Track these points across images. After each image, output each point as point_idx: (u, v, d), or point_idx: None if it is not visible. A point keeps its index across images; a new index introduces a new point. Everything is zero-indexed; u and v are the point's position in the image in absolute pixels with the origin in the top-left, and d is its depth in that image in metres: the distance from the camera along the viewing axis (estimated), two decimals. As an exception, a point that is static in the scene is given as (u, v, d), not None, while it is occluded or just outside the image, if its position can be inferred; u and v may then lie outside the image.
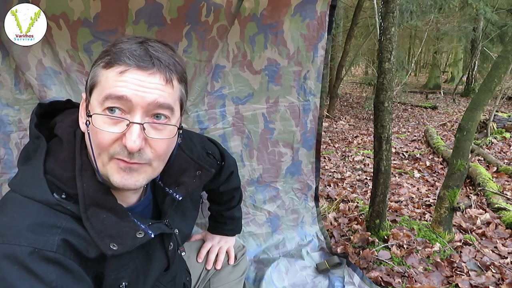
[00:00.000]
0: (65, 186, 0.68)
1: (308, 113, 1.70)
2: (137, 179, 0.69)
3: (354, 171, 3.93)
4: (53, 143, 0.74)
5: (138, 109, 0.65)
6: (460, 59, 14.41)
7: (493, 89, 1.96)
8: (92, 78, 0.68)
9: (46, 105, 0.81)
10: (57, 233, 0.63)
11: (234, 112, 1.56)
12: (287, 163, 1.76)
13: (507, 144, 4.87)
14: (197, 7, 1.24)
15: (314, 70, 1.63)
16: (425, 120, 7.77)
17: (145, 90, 0.64)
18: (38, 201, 0.65)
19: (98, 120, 0.65)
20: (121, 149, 0.66)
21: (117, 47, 0.66)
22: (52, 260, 0.60)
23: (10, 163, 1.22)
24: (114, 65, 0.65)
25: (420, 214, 2.60)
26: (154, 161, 0.70)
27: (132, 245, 0.70)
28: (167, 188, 0.85)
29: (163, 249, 0.87)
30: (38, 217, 0.63)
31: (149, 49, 0.66)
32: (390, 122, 1.93)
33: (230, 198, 1.27)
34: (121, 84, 0.64)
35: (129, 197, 0.80)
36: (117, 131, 0.65)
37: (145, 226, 0.74)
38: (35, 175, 0.68)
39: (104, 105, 0.65)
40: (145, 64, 0.65)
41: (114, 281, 0.74)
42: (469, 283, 1.68)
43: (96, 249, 0.68)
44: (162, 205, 0.86)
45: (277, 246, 1.78)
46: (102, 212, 0.69)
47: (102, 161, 0.68)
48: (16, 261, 0.57)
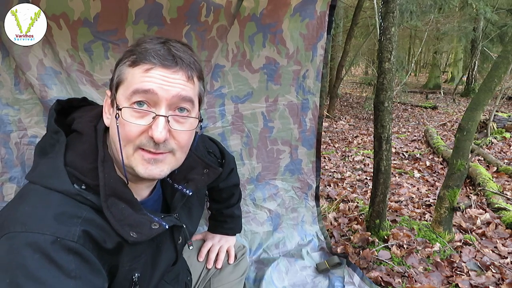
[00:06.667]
0: (85, 177, 0.71)
1: (306, 111, 1.71)
2: (162, 169, 0.74)
3: (354, 171, 3.93)
4: (71, 137, 0.77)
5: (163, 102, 0.70)
6: (460, 59, 14.42)
7: (493, 89, 1.96)
8: (118, 76, 0.73)
9: (64, 102, 0.85)
10: (78, 223, 0.65)
11: (234, 111, 1.56)
12: (286, 161, 1.78)
13: (507, 144, 4.87)
14: (196, 7, 1.24)
15: (313, 69, 1.64)
16: (425, 120, 7.77)
17: (169, 84, 0.70)
18: (59, 191, 0.67)
19: (126, 114, 0.70)
20: (147, 141, 0.70)
21: (142, 47, 0.72)
22: (72, 250, 0.62)
23: (10, 162, 1.22)
24: (140, 63, 0.70)
25: (420, 214, 2.60)
26: (177, 151, 0.75)
27: (149, 235, 0.74)
28: (176, 184, 0.89)
29: (172, 242, 0.90)
30: (59, 207, 0.65)
31: (172, 49, 0.72)
32: (390, 122, 1.93)
33: (229, 196, 1.28)
34: (147, 79, 0.69)
35: (143, 190, 0.83)
36: (143, 123, 0.70)
37: (158, 218, 0.77)
38: (55, 167, 0.70)
39: (131, 99, 0.70)
40: (169, 63, 0.70)
41: (128, 272, 0.77)
42: (469, 283, 1.68)
43: (114, 240, 0.71)
44: (172, 201, 0.89)
45: (277, 245, 1.78)
46: (120, 203, 0.72)
47: (126, 153, 0.72)
48: (38, 249, 0.58)
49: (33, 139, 1.22)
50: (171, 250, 0.90)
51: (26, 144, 1.22)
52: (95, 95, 1.25)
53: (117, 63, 0.75)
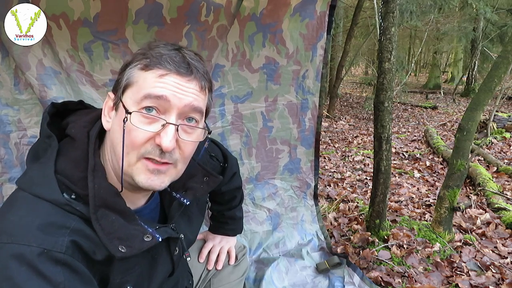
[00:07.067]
0: (75, 186, 0.68)
1: (306, 111, 1.71)
2: (163, 180, 0.71)
3: (354, 171, 3.93)
4: (64, 143, 0.74)
5: (174, 110, 0.68)
6: (460, 59, 14.41)
7: (493, 89, 1.96)
8: (127, 78, 0.70)
9: (59, 105, 0.81)
10: (66, 234, 0.62)
11: (233, 110, 1.56)
12: (285, 160, 1.78)
13: (507, 144, 4.87)
14: (196, 7, 1.24)
15: (313, 69, 1.64)
16: (425, 120, 7.77)
17: (182, 92, 0.68)
18: (48, 200, 0.65)
19: (134, 118, 0.67)
20: (152, 148, 0.68)
21: (155, 51, 0.69)
22: (60, 261, 0.60)
23: (10, 162, 1.22)
24: (153, 68, 0.68)
25: (420, 214, 2.60)
26: (180, 162, 0.73)
27: (140, 248, 0.70)
28: (174, 192, 0.85)
29: (169, 254, 0.86)
30: (47, 216, 0.63)
31: (186, 56, 0.70)
32: (390, 122, 1.93)
33: (231, 198, 1.27)
34: (160, 85, 0.67)
35: (139, 199, 0.80)
36: (151, 130, 0.67)
37: (152, 229, 0.74)
38: (45, 174, 0.68)
39: (141, 104, 0.67)
40: (184, 71, 0.69)
41: (119, 285, 0.74)
42: (469, 283, 1.68)
43: (103, 251, 0.68)
44: (169, 210, 0.86)
45: (277, 244, 1.78)
46: (111, 214, 0.69)
47: (129, 161, 0.69)
48: (24, 262, 0.57)
49: (32, 139, 1.22)
50: (167, 262, 0.87)
51: (25, 144, 1.22)
52: (95, 95, 1.25)
53: (126, 65, 0.72)
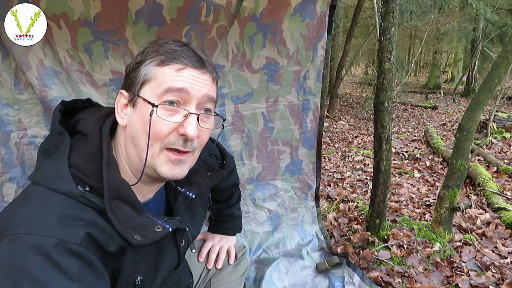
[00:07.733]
0: (89, 179, 0.71)
1: (307, 112, 1.71)
2: (183, 169, 0.76)
3: (354, 171, 3.93)
4: (76, 139, 0.77)
5: (194, 101, 0.73)
6: (460, 59, 14.42)
7: (493, 89, 1.96)
8: (145, 75, 0.74)
9: (68, 103, 0.85)
10: (81, 226, 0.64)
11: (234, 111, 1.56)
12: (286, 161, 1.78)
13: (507, 144, 4.87)
14: (196, 7, 1.24)
15: (314, 69, 1.64)
16: (425, 120, 7.77)
17: (199, 84, 0.73)
18: (63, 192, 0.67)
19: (160, 111, 0.71)
20: (175, 139, 0.72)
21: (167, 47, 0.74)
22: (75, 253, 0.62)
23: (10, 162, 1.22)
24: (170, 63, 0.72)
25: (420, 214, 2.60)
26: (196, 150, 0.78)
27: (153, 238, 0.74)
28: (179, 187, 0.89)
29: (175, 245, 0.89)
30: (63, 208, 0.65)
31: (196, 51, 0.75)
32: (390, 122, 1.93)
33: (229, 196, 1.28)
34: (180, 78, 0.72)
35: (149, 192, 0.83)
36: (175, 121, 0.72)
37: (161, 221, 0.77)
38: (59, 168, 0.70)
39: (163, 97, 0.71)
40: (198, 64, 0.74)
41: (130, 276, 0.77)
42: (469, 283, 1.68)
43: (117, 242, 0.71)
44: (174, 203, 0.89)
45: (277, 245, 1.78)
46: (124, 206, 0.72)
47: (152, 152, 0.72)
48: (41, 252, 0.58)
49: (33, 139, 1.22)
50: (173, 254, 0.90)
51: (26, 144, 1.22)
52: (95, 95, 1.25)
53: (139, 63, 0.75)
